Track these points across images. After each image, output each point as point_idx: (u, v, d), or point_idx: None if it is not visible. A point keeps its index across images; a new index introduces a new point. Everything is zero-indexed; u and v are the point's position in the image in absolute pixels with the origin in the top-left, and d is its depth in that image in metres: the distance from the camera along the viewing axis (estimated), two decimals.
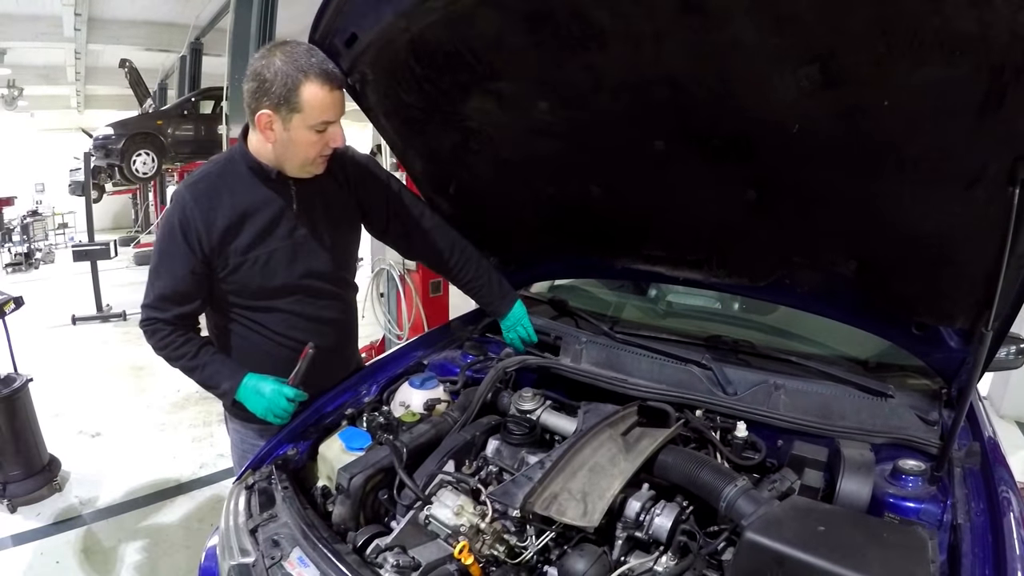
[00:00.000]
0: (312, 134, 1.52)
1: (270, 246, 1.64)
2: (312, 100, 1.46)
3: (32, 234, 12.58)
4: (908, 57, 1.03)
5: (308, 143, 1.54)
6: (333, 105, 1.50)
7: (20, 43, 9.63)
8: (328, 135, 1.54)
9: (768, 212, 1.46)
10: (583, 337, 1.87)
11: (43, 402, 3.87)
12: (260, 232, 1.63)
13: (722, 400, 1.56)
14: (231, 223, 1.60)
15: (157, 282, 1.63)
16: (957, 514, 1.18)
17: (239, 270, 1.64)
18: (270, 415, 1.60)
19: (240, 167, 1.64)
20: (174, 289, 1.62)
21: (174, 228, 1.59)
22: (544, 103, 1.49)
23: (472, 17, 1.35)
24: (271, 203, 1.64)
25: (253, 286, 1.66)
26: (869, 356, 1.75)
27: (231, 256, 1.62)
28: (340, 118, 1.55)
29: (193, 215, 1.58)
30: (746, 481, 1.21)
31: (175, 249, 1.60)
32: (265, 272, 1.65)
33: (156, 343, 1.66)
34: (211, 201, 1.60)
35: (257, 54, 1.52)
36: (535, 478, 1.21)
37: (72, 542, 3.18)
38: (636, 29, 1.21)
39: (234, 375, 1.64)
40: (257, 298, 1.69)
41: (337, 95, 1.50)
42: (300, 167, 1.60)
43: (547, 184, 1.77)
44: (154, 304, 1.63)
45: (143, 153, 9.39)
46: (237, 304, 1.70)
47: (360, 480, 1.37)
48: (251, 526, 1.34)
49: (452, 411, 1.63)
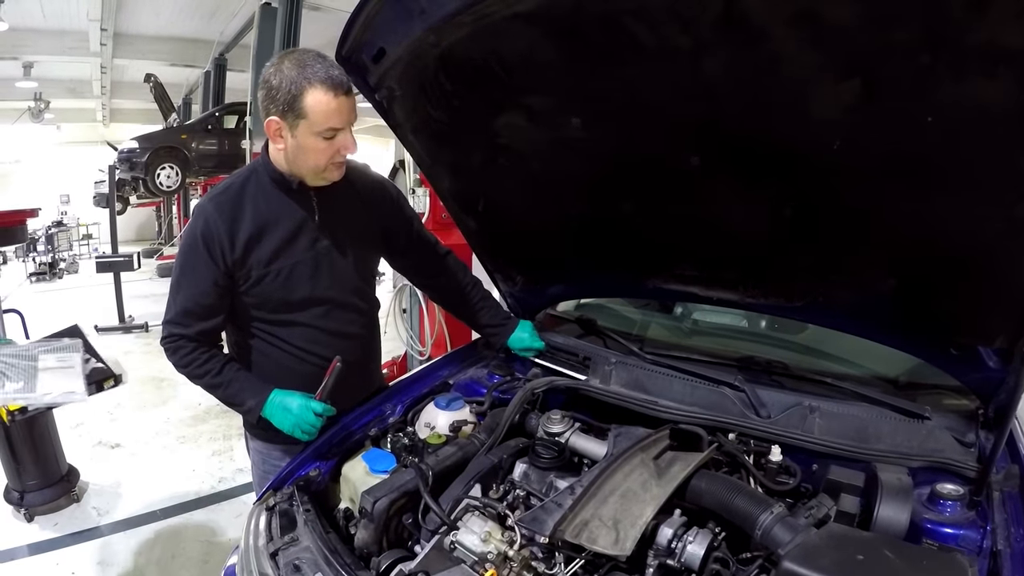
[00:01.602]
0: (320, 141, 1.50)
1: (293, 258, 1.63)
2: (316, 107, 1.45)
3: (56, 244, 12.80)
4: (952, 70, 0.99)
5: (317, 150, 1.52)
6: (339, 112, 1.48)
7: (47, 57, 9.86)
8: (338, 142, 1.53)
9: (806, 230, 1.42)
10: (612, 358, 1.84)
11: (63, 412, 3.87)
12: (282, 243, 1.62)
13: (756, 423, 1.51)
14: (253, 234, 1.59)
15: (179, 296, 1.62)
16: (997, 540, 1.14)
17: (261, 282, 1.62)
18: (297, 431, 1.58)
19: (263, 178, 1.64)
20: (197, 302, 1.60)
21: (196, 241, 1.58)
22: (576, 119, 1.46)
23: (503, 31, 1.32)
24: (293, 214, 1.64)
25: (275, 299, 1.64)
26: (899, 373, 1.70)
27: (253, 268, 1.61)
28: (350, 125, 1.53)
29: (216, 226, 1.57)
30: (782, 507, 1.18)
31: (198, 261, 1.58)
32: (288, 284, 1.64)
33: (178, 360, 1.64)
34: (234, 212, 1.59)
35: (268, 62, 1.52)
36: (565, 504, 1.17)
37: (88, 553, 3.18)
38: (673, 43, 1.18)
39: (260, 392, 1.62)
40: (279, 312, 1.67)
41: (343, 101, 1.48)
42: (314, 174, 1.59)
43: (578, 201, 1.74)
44: (176, 320, 1.61)
45: (167, 167, 9.53)
46: (259, 319, 1.68)
47: (384, 504, 1.34)
48: (272, 549, 1.32)
49: (479, 433, 1.60)
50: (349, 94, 1.49)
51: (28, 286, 10.97)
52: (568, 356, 1.92)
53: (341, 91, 1.47)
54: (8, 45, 9.05)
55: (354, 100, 1.52)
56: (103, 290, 7.43)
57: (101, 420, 4.87)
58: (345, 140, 1.53)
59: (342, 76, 1.47)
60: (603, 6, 1.19)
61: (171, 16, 9.06)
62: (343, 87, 1.47)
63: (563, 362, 1.92)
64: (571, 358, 1.91)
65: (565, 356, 1.93)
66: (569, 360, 1.91)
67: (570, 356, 1.92)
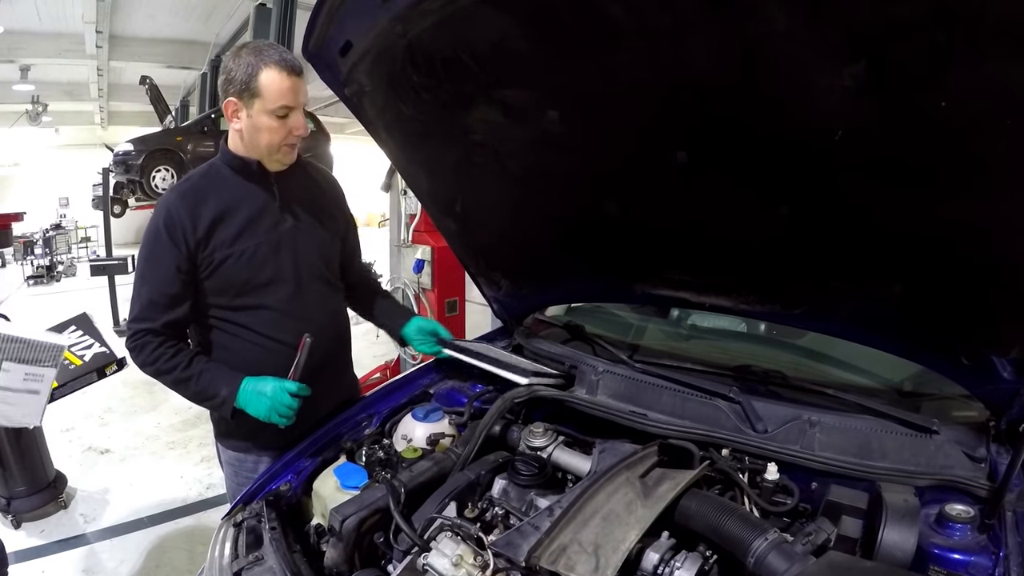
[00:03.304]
0: (273, 120, 1.58)
1: (256, 239, 1.67)
2: (270, 85, 1.54)
3: (55, 247, 12.81)
4: (969, 51, 0.89)
5: (271, 128, 1.60)
6: (291, 90, 1.56)
7: (43, 60, 9.95)
8: (290, 122, 1.61)
9: (804, 230, 1.32)
10: (600, 367, 1.76)
11: (53, 417, 3.87)
12: (244, 225, 1.66)
13: (751, 438, 1.43)
14: (216, 216, 1.64)
15: (143, 290, 1.62)
16: (1011, 567, 1.06)
17: (225, 264, 1.64)
18: (274, 415, 1.57)
19: (223, 169, 1.71)
20: (161, 292, 1.60)
21: (159, 229, 1.61)
22: (553, 112, 1.39)
23: (471, 18, 1.26)
24: (254, 197, 1.70)
25: (239, 281, 1.66)
26: (904, 379, 1.63)
27: (216, 249, 1.63)
28: (300, 106, 1.61)
29: (178, 212, 1.62)
30: (777, 534, 1.09)
31: (160, 249, 1.60)
32: (251, 266, 1.66)
33: (145, 358, 1.62)
34: (196, 198, 1.65)
35: (228, 51, 1.62)
36: (542, 527, 1.10)
37: (74, 561, 3.17)
38: (653, 24, 1.09)
39: (231, 380, 1.61)
40: (243, 295, 1.67)
41: (294, 80, 1.57)
42: (269, 155, 1.66)
43: (560, 201, 1.66)
44: (141, 315, 1.61)
45: (162, 169, 9.49)
46: (221, 306, 1.68)
47: (353, 522, 1.27)
48: (236, 568, 1.28)
49: (457, 446, 1.53)
50: (300, 75, 1.59)
51: (25, 289, 10.98)
52: (555, 364, 1.84)
53: (293, 72, 1.56)
54: (4, 48, 9.16)
55: (304, 83, 1.60)
56: (99, 293, 7.42)
57: (92, 425, 4.87)
58: (297, 121, 1.61)
59: (294, 60, 1.57)
60: None
61: (166, 18, 9.12)
62: (295, 69, 1.57)
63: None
64: (558, 366, 1.84)
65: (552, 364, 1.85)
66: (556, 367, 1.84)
67: (557, 364, 1.84)
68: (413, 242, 4.63)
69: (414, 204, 4.53)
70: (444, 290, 4.57)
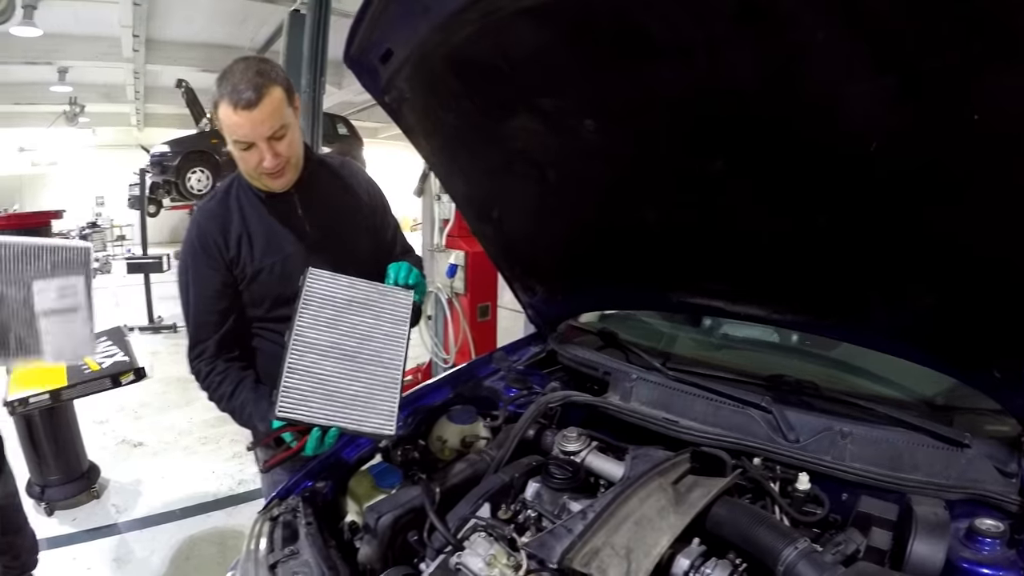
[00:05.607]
0: (237, 150, 1.54)
1: (284, 251, 1.67)
2: (224, 119, 1.48)
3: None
4: (1006, 61, 0.89)
5: (239, 158, 1.56)
6: (239, 126, 1.46)
7: (81, 62, 10.14)
8: (255, 155, 1.51)
9: (839, 241, 1.32)
10: (633, 373, 1.76)
11: (89, 409, 3.98)
12: (271, 238, 1.67)
13: (783, 448, 1.43)
14: (242, 231, 1.65)
15: (191, 312, 1.67)
16: None
17: (257, 278, 1.65)
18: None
19: (243, 181, 1.69)
20: (209, 309, 1.64)
21: (194, 247, 1.64)
22: (591, 121, 1.39)
23: (511, 28, 1.27)
24: (275, 212, 1.68)
25: (273, 295, 1.66)
26: (937, 393, 1.60)
27: (247, 265, 1.64)
28: (261, 138, 1.49)
29: (209, 228, 1.64)
30: (807, 543, 1.09)
31: (200, 268, 1.63)
32: (283, 278, 1.65)
33: (201, 386, 1.67)
34: (222, 215, 1.66)
35: None
36: (576, 530, 1.12)
37: (105, 550, 3.23)
38: (689, 37, 1.10)
39: (266, 416, 1.57)
40: (277, 307, 1.67)
41: (244, 115, 1.44)
42: (253, 180, 1.63)
43: (597, 209, 1.67)
44: (194, 340, 1.67)
45: (198, 170, 9.72)
46: (260, 317, 1.70)
47: (388, 521, 1.30)
48: (271, 561, 1.30)
49: (491, 449, 1.55)
50: (252, 107, 1.44)
51: None
52: (588, 370, 1.85)
53: (242, 106, 1.43)
54: (43, 50, 9.32)
55: (263, 114, 1.46)
56: (134, 290, 7.58)
57: (126, 418, 4.96)
58: (259, 155, 1.51)
59: (247, 91, 1.43)
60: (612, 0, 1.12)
61: (202, 23, 9.24)
62: (242, 102, 1.43)
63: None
64: (592, 372, 1.85)
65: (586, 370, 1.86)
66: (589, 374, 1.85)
67: (590, 370, 1.85)
68: (447, 247, 4.64)
69: (448, 209, 4.54)
70: (477, 295, 4.58)
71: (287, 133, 1.53)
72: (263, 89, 1.44)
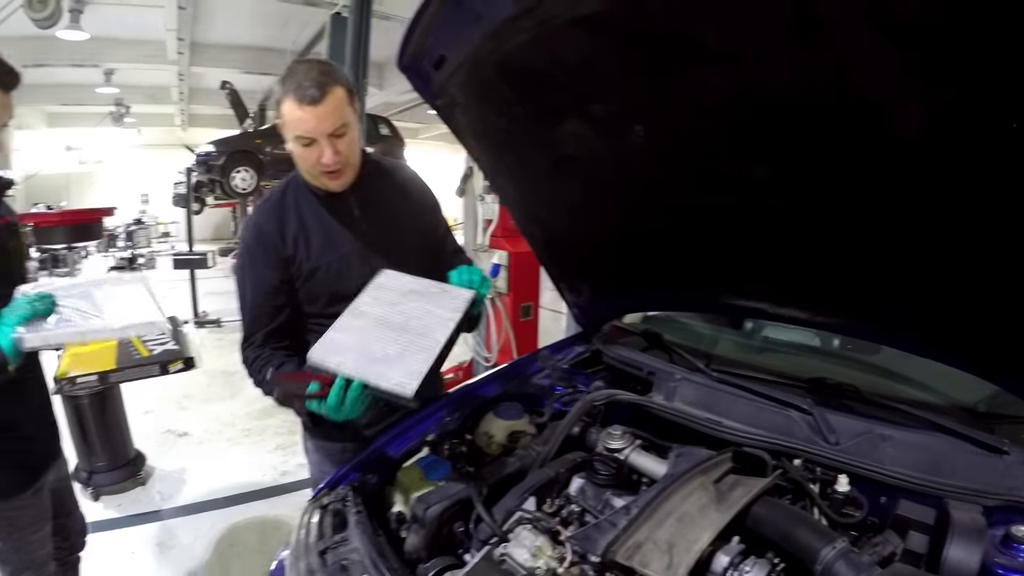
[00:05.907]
0: (299, 147, 1.58)
1: (341, 250, 1.70)
2: (288, 115, 1.53)
3: (136, 241, 13.51)
4: None
5: (299, 155, 1.61)
6: (303, 121, 1.52)
7: (126, 65, 10.41)
8: (315, 151, 1.57)
9: (886, 247, 1.32)
10: (677, 374, 1.78)
11: (135, 399, 4.08)
12: (328, 237, 1.69)
13: (824, 449, 1.43)
14: (299, 230, 1.68)
15: (246, 307, 1.70)
16: None
17: (313, 277, 1.68)
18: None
19: (300, 182, 1.73)
20: (265, 303, 1.68)
21: (252, 247, 1.69)
22: (640, 127, 1.42)
23: (564, 36, 1.29)
24: (332, 212, 1.71)
25: (328, 292, 1.69)
26: (978, 400, 1.58)
27: (303, 264, 1.67)
28: (323, 134, 1.54)
29: (267, 227, 1.68)
30: (845, 543, 1.11)
31: (258, 265, 1.67)
32: (339, 276, 1.69)
33: (249, 371, 1.69)
34: (280, 214, 1.70)
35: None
36: (619, 524, 1.14)
37: (149, 535, 3.32)
38: (741, 46, 1.12)
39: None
40: (333, 304, 1.67)
41: (309, 111, 1.50)
42: (312, 179, 1.67)
43: (645, 212, 1.68)
44: (248, 333, 1.70)
45: (242, 170, 9.92)
46: (315, 314, 1.72)
47: (436, 511, 1.34)
48: (321, 547, 1.34)
49: (537, 444, 1.58)
50: (317, 103, 1.50)
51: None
52: (633, 370, 1.87)
53: (307, 102, 1.49)
54: (89, 53, 9.59)
55: (327, 110, 1.52)
56: (178, 285, 7.78)
57: (171, 409, 5.09)
58: (320, 151, 1.56)
59: (312, 89, 1.49)
60: (668, 8, 1.14)
61: (245, 26, 9.42)
62: (311, 98, 1.49)
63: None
64: (636, 372, 1.86)
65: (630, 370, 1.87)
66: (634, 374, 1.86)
67: (635, 370, 1.87)
68: (490, 247, 4.67)
69: (492, 209, 4.57)
70: (520, 295, 4.62)
71: (347, 132, 1.58)
72: (327, 87, 1.50)
